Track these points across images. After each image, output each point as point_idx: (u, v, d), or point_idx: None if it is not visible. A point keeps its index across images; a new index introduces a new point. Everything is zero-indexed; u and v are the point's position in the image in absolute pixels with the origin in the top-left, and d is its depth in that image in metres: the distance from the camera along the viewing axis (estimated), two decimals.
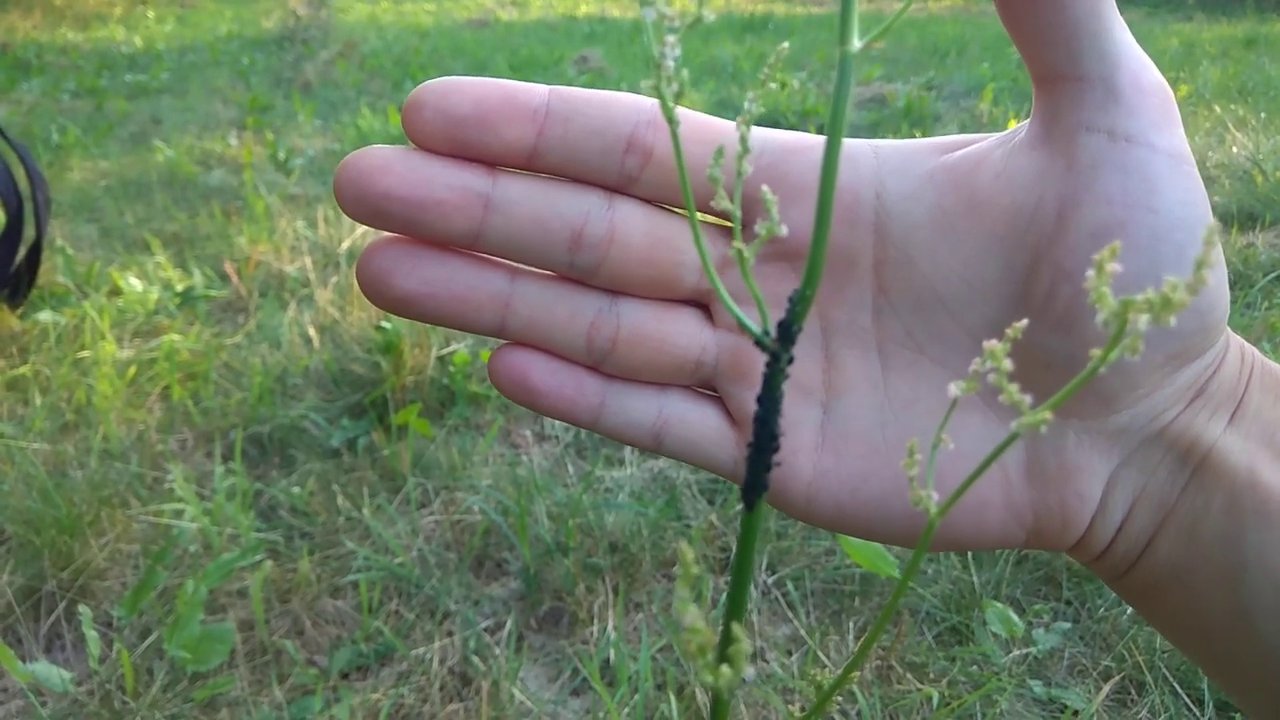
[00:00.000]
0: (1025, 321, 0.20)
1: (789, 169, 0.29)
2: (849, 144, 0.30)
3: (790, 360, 0.27)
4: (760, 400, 0.28)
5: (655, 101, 0.28)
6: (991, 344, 0.19)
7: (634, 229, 0.29)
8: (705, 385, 0.31)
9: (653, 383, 0.31)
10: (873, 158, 0.29)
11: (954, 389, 0.20)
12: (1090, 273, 0.16)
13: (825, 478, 0.30)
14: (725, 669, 0.17)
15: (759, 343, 0.27)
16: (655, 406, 0.30)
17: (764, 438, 0.27)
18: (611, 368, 0.30)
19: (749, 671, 0.18)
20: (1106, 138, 0.26)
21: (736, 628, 0.18)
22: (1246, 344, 0.29)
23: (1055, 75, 0.26)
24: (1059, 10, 0.25)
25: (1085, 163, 0.26)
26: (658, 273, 0.29)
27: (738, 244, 0.23)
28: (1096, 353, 0.16)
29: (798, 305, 0.27)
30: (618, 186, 0.29)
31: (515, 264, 0.30)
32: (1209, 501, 0.27)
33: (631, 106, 0.28)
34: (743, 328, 0.27)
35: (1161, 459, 0.28)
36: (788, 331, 0.27)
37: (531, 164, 0.28)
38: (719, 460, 0.31)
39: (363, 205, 0.27)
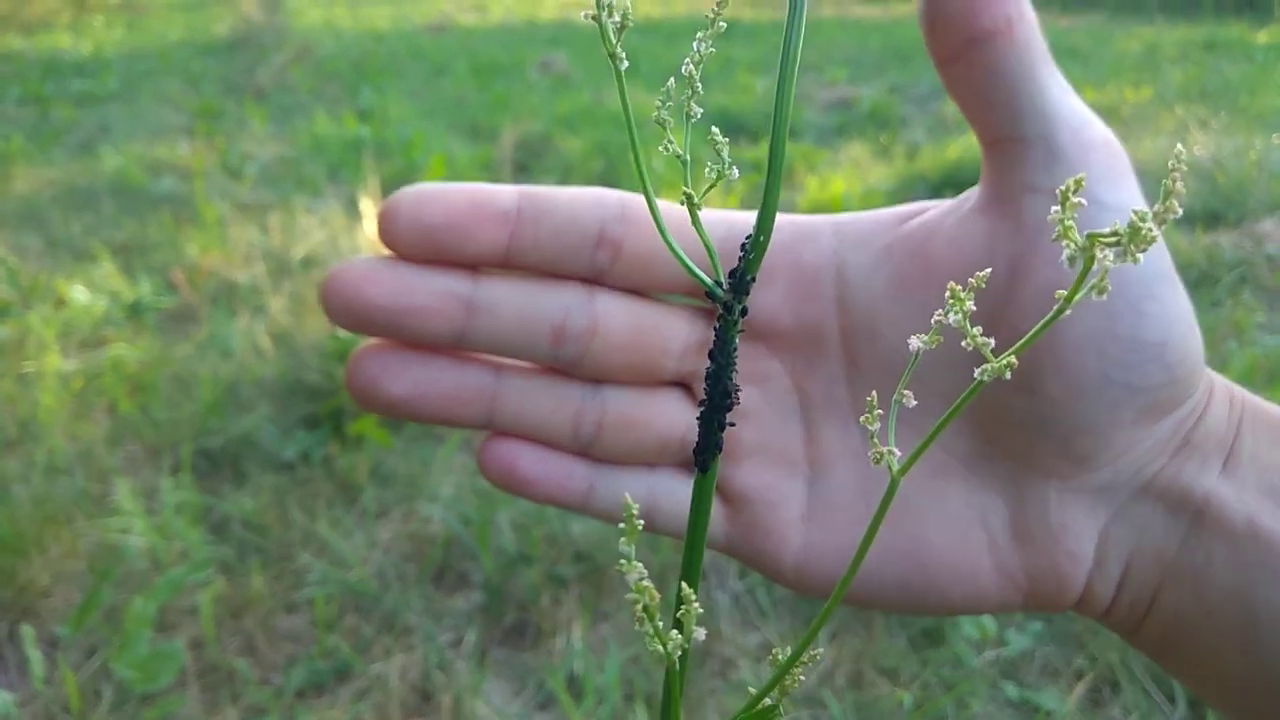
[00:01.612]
0: (989, 270, 0.21)
1: None
2: (810, 221, 0.31)
3: (744, 312, 0.26)
4: (712, 355, 0.27)
5: (621, 195, 0.29)
6: (953, 286, 0.19)
7: (615, 321, 0.30)
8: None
9: (641, 463, 0.31)
10: (832, 235, 0.30)
11: (915, 342, 0.20)
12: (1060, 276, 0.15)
13: (814, 549, 0.30)
14: (674, 634, 0.17)
15: (710, 293, 0.26)
16: (644, 487, 0.31)
17: (717, 394, 0.26)
18: (599, 453, 0.31)
19: (699, 633, 0.17)
20: (1050, 198, 0.26)
21: (687, 589, 0.17)
22: (1236, 387, 0.29)
23: (998, 138, 0.27)
24: (995, 74, 0.25)
25: (1031, 224, 0.26)
26: (640, 360, 0.30)
27: (686, 189, 0.23)
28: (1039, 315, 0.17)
29: (751, 252, 0.26)
30: (591, 279, 0.30)
31: (499, 359, 0.31)
32: (1210, 554, 0.27)
33: (597, 202, 0.29)
34: (693, 277, 0.26)
35: (1153, 513, 0.27)
36: (741, 280, 0.26)
37: (506, 264, 0.29)
38: (710, 535, 0.31)
39: (350, 315, 0.28)
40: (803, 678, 0.22)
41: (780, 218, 0.30)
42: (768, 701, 0.20)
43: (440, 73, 4.70)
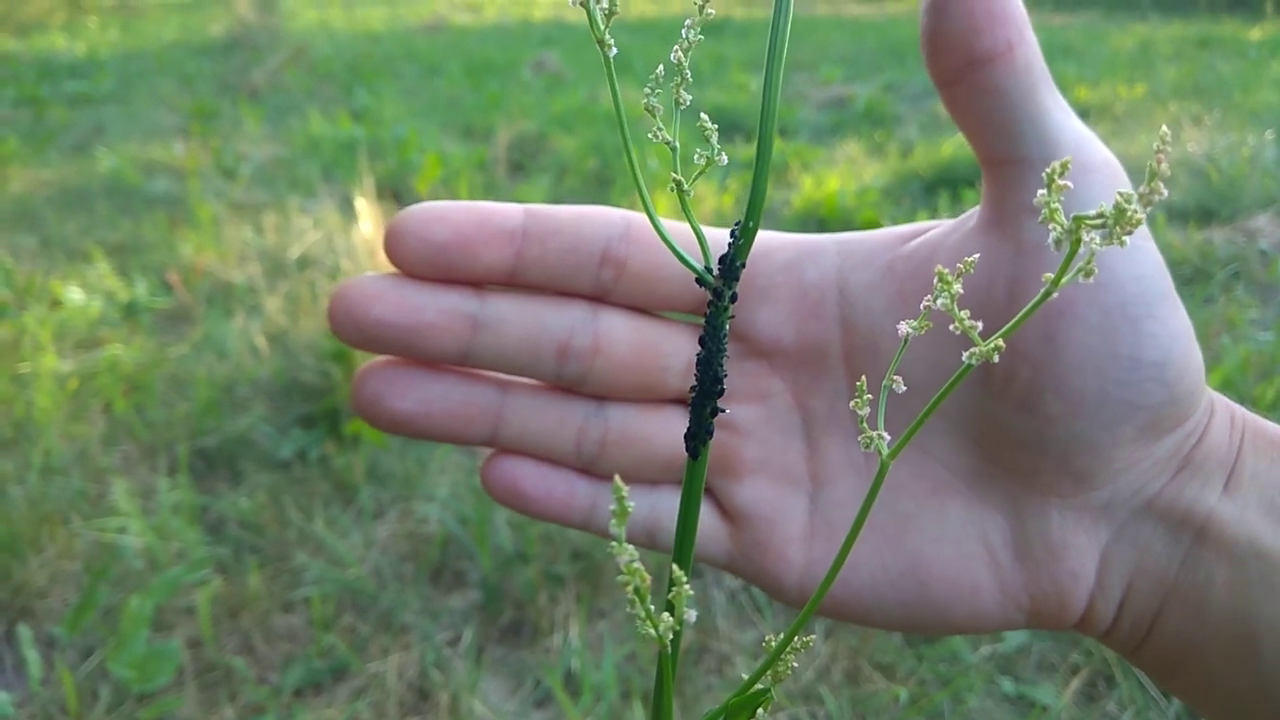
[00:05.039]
0: (976, 255, 0.21)
1: (757, 271, 0.30)
2: (812, 240, 0.31)
3: (734, 298, 0.26)
4: (703, 341, 0.27)
5: (625, 214, 0.30)
6: (941, 269, 0.19)
7: (618, 338, 0.30)
8: None
9: (643, 481, 0.31)
10: (835, 254, 0.30)
11: (904, 327, 0.20)
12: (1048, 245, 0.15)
13: (817, 567, 0.30)
14: (665, 616, 0.17)
15: (701, 280, 0.26)
16: (647, 505, 0.31)
17: (707, 380, 0.26)
18: (602, 470, 0.31)
19: (690, 615, 0.17)
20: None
21: (678, 570, 0.17)
22: (1237, 407, 0.29)
23: (999, 159, 0.26)
24: (997, 96, 0.25)
25: (1031, 245, 0.26)
26: (642, 377, 0.30)
27: (675, 175, 0.23)
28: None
29: (740, 238, 0.26)
30: (595, 296, 0.30)
31: (504, 376, 0.31)
32: (1212, 574, 0.27)
33: (603, 221, 0.30)
34: (683, 264, 0.26)
35: (1154, 533, 0.27)
36: (731, 266, 0.26)
37: (511, 282, 0.29)
38: (712, 553, 0.31)
39: (357, 333, 0.29)
40: (795, 665, 0.22)
41: (783, 236, 0.31)
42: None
43: (434, 72, 4.70)
